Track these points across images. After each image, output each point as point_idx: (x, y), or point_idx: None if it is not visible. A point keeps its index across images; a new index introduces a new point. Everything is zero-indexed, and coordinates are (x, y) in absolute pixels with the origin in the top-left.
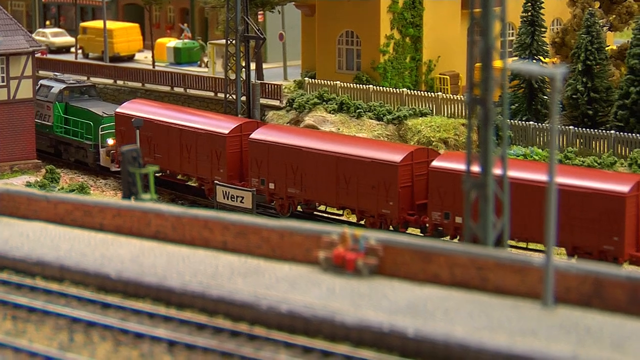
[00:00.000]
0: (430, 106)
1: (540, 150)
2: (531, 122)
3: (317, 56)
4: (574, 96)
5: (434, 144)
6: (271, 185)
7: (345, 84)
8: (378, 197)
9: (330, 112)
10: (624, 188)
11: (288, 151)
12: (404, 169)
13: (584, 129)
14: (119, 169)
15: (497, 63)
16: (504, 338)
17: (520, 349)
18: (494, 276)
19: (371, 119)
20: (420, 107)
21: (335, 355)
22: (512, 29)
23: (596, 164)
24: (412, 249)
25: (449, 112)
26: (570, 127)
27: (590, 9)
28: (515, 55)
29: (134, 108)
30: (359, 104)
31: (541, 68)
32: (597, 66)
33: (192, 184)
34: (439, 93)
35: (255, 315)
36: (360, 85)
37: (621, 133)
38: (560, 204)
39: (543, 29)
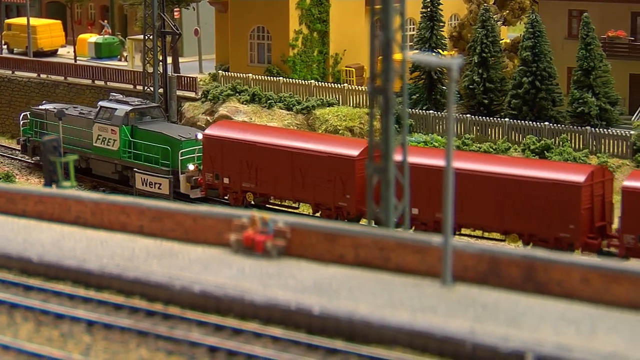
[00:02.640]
0: (337, 97)
1: (440, 138)
2: (431, 111)
3: (230, 50)
4: (470, 86)
5: (340, 132)
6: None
7: (257, 76)
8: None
9: (242, 103)
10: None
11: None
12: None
13: (480, 117)
14: (203, 196)
15: (398, 55)
16: (405, 315)
17: (420, 325)
18: (396, 256)
19: (281, 109)
20: (327, 97)
21: (245, 332)
22: (413, 24)
23: (492, 150)
24: (319, 230)
25: (355, 102)
26: (468, 115)
27: (485, 4)
28: (416, 49)
29: (222, 129)
30: (270, 95)
31: (438, 59)
32: (492, 58)
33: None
34: (345, 84)
35: (170, 296)
36: (271, 77)
37: (515, 120)
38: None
39: (442, 24)
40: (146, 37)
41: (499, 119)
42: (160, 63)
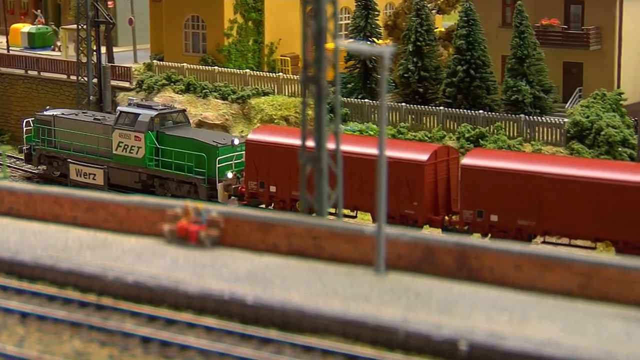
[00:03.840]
0: (272, 86)
1: (375, 126)
2: (366, 100)
3: (165, 40)
4: (405, 75)
5: (275, 121)
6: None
7: (192, 65)
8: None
9: (177, 93)
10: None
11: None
12: None
13: (415, 105)
14: (245, 204)
15: (331, 44)
16: (338, 303)
17: (353, 314)
18: (329, 245)
19: (217, 98)
20: (262, 87)
21: (179, 323)
22: (348, 13)
23: (427, 138)
24: (252, 220)
25: (290, 91)
26: (403, 104)
27: None
28: (351, 38)
29: (268, 134)
30: (205, 85)
31: (371, 47)
32: (427, 47)
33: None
34: (280, 74)
35: (103, 286)
36: (206, 66)
37: (449, 109)
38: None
39: (376, 13)
40: (80, 27)
41: (433, 107)
42: (94, 53)
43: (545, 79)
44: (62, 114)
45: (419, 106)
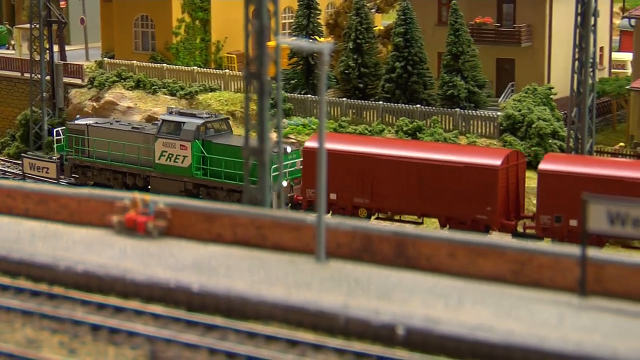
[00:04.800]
0: (219, 82)
1: (317, 120)
2: (309, 95)
3: (116, 38)
4: (346, 71)
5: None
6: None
7: (141, 63)
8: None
9: (128, 89)
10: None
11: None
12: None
13: (355, 100)
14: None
15: (273, 42)
16: (280, 290)
17: (295, 300)
18: (272, 234)
19: (166, 94)
20: (210, 83)
21: (127, 310)
22: (291, 12)
23: (367, 132)
24: (198, 211)
25: (236, 87)
26: (344, 99)
27: None
28: (294, 36)
29: (327, 141)
30: (155, 82)
31: (310, 44)
32: (366, 44)
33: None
34: (227, 70)
35: (54, 276)
36: (155, 64)
37: (388, 103)
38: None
39: (318, 12)
40: (33, 26)
41: (373, 102)
42: (47, 51)
43: (479, 74)
44: (97, 122)
45: (359, 101)
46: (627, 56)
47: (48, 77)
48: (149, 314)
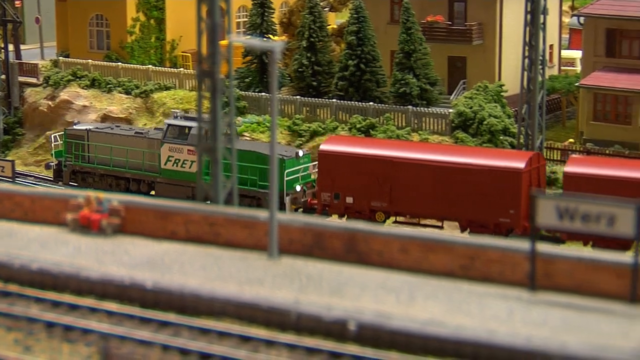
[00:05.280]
0: (174, 81)
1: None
2: (263, 93)
3: (71, 37)
4: (300, 70)
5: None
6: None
7: (96, 62)
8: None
9: (83, 88)
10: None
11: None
12: None
13: (309, 98)
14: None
15: (225, 41)
16: (233, 287)
17: (247, 297)
18: (225, 231)
19: (121, 93)
20: (164, 81)
21: (81, 307)
22: (246, 11)
23: (321, 129)
24: (152, 208)
25: (190, 85)
26: (298, 96)
27: None
28: (248, 34)
29: (342, 144)
30: (110, 80)
31: (262, 43)
32: (320, 43)
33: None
34: (181, 69)
35: (9, 274)
36: (110, 63)
37: (341, 101)
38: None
39: (272, 11)
40: None
41: (327, 99)
42: (2, 50)
43: (431, 72)
44: (97, 127)
45: (313, 99)
46: (577, 54)
47: (3, 76)
48: (103, 311)
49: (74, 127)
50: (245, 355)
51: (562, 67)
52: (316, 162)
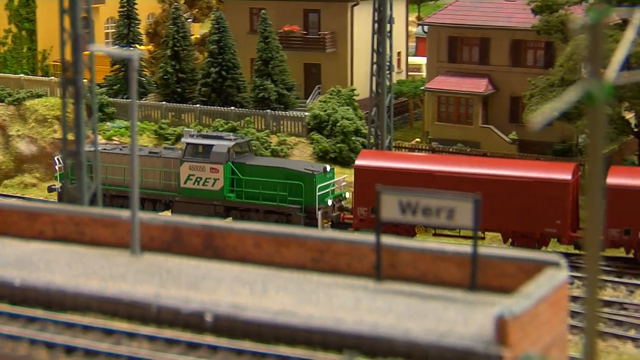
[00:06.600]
0: (45, 89)
1: (139, 123)
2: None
3: None
4: (165, 77)
5: (49, 120)
6: None
7: None
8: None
9: None
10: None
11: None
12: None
13: (174, 103)
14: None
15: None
16: (97, 283)
17: (110, 292)
18: (90, 230)
19: None
20: (36, 89)
21: None
22: (114, 22)
23: None
24: (19, 210)
25: (62, 93)
26: (163, 102)
27: (176, 4)
28: (115, 44)
29: (378, 159)
30: None
31: (120, 51)
32: (184, 52)
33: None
34: (52, 77)
35: None
36: None
37: (205, 106)
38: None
39: (138, 21)
40: None
41: (191, 105)
42: None
43: (288, 78)
44: (105, 149)
45: (178, 104)
46: (422, 60)
47: None
48: None
49: None
50: (107, 348)
51: (409, 73)
52: (340, 178)
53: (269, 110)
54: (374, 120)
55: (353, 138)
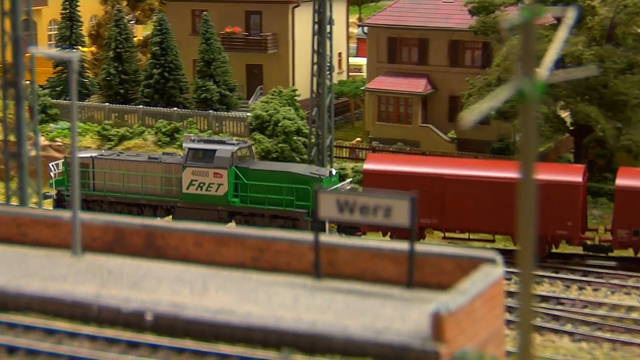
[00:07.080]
0: None
1: (82, 124)
2: None
3: None
4: (107, 78)
5: None
6: None
7: None
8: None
9: None
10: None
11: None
12: None
13: (117, 104)
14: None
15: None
16: (38, 283)
17: (52, 292)
18: (32, 231)
19: None
20: None
21: None
22: (57, 24)
23: (128, 134)
24: None
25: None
26: (106, 104)
27: (118, 6)
28: (58, 46)
29: (383, 163)
30: None
31: (58, 53)
32: (126, 53)
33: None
34: None
35: None
36: None
37: (148, 107)
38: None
39: (80, 23)
40: None
41: (134, 106)
42: None
43: (230, 79)
44: (102, 155)
45: (121, 105)
46: (363, 61)
47: None
48: None
49: (77, 154)
50: (49, 347)
51: (350, 73)
52: (345, 182)
53: (211, 111)
54: (315, 120)
55: (295, 138)
